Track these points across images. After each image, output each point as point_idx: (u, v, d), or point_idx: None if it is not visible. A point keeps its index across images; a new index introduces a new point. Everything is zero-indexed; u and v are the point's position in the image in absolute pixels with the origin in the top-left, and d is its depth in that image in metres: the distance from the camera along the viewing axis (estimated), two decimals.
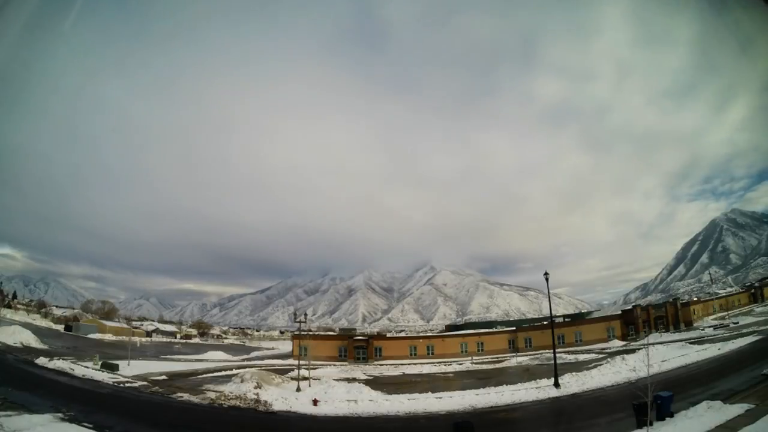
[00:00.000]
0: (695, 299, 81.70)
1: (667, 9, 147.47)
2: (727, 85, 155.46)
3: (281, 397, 27.52)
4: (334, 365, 52.71)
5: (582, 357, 44.26)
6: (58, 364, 35.95)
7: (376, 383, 34.67)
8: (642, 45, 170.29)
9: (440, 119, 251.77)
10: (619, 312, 67.84)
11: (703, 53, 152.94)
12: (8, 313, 77.37)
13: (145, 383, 32.29)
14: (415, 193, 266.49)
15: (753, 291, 75.88)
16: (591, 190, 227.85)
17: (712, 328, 53.25)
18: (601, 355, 43.09)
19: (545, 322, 60.00)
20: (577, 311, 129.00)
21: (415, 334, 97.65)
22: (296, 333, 56.48)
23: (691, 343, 40.21)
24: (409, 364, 52.39)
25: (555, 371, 29.06)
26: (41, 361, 36.68)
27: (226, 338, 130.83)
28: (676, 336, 51.00)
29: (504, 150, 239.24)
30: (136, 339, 69.96)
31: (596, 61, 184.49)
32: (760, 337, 37.25)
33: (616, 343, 54.13)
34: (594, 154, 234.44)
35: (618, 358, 33.64)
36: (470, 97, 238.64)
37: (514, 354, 56.34)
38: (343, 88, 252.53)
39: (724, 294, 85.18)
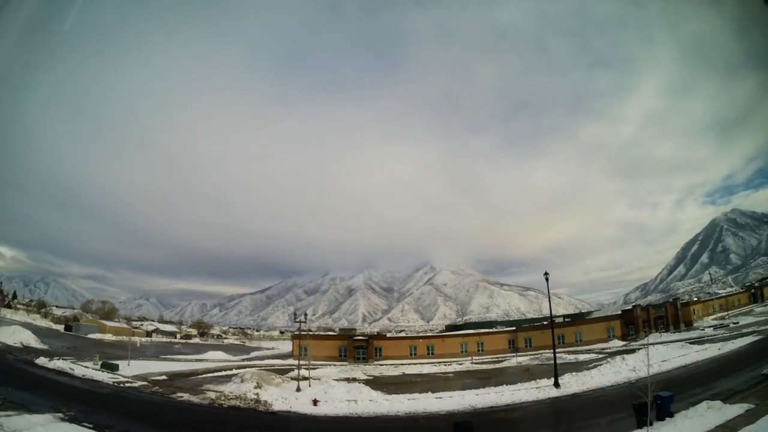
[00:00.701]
0: (695, 299, 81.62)
1: (691, 70, 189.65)
2: (735, 123, 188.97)
3: (281, 397, 27.51)
4: (334, 365, 52.71)
5: (582, 357, 44.27)
6: (58, 364, 35.91)
7: (376, 383, 34.66)
8: (666, 96, 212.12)
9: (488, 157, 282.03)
10: (619, 312, 67.93)
11: (716, 101, 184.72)
12: (8, 313, 77.35)
13: (145, 383, 32.29)
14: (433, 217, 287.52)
15: (753, 291, 75.87)
16: (604, 205, 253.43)
17: (712, 328, 53.23)
18: (601, 355, 43.09)
19: (545, 322, 60.05)
20: (577, 311, 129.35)
21: (415, 334, 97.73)
22: (296, 333, 56.46)
23: (691, 343, 40.21)
24: (409, 364, 52.40)
25: (555, 371, 29.07)
26: (41, 361, 36.64)
27: (226, 338, 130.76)
28: (676, 336, 51.00)
29: (540, 178, 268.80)
30: (136, 339, 69.95)
31: (629, 109, 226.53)
32: (760, 337, 37.27)
33: (616, 343, 54.13)
34: (616, 179, 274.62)
35: (618, 358, 33.62)
36: (524, 138, 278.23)
37: (514, 354, 56.35)
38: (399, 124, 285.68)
39: (724, 294, 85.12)
